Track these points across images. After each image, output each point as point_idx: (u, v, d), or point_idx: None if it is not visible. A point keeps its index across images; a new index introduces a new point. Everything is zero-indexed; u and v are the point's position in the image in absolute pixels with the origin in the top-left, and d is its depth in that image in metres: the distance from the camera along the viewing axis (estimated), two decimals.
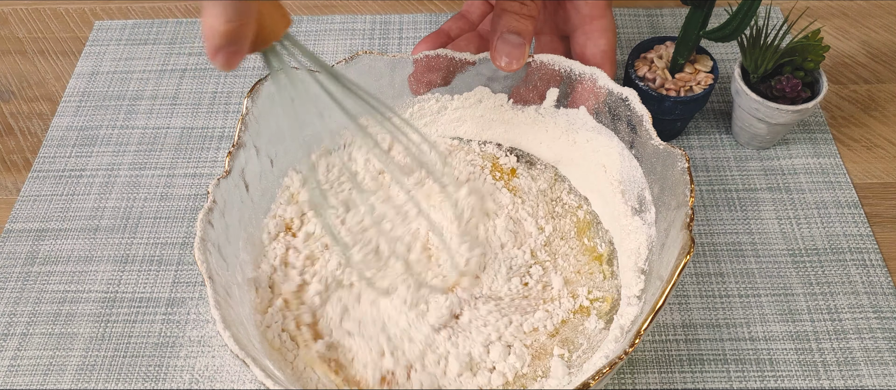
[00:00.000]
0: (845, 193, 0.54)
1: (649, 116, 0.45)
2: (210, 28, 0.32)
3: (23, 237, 0.54)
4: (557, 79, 0.49)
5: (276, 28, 0.35)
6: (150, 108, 0.62)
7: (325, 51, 0.65)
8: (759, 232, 0.53)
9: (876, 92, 0.61)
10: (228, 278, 0.43)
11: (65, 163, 0.58)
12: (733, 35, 0.49)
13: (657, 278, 0.41)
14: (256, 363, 0.37)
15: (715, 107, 0.60)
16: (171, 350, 0.48)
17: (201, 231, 0.41)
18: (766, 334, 0.48)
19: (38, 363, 0.48)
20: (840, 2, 0.68)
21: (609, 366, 0.36)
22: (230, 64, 0.33)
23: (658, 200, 0.44)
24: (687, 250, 0.38)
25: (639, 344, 0.48)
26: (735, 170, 0.56)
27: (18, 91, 0.64)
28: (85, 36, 0.68)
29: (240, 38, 0.33)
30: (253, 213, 0.48)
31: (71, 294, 0.51)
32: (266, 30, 0.35)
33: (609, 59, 0.50)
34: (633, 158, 0.47)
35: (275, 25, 0.35)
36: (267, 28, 0.35)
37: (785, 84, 0.51)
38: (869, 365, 0.46)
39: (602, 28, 0.50)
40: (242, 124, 0.45)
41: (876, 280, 0.50)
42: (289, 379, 0.42)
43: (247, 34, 0.33)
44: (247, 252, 0.46)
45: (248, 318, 0.43)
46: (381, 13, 0.68)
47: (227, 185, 0.44)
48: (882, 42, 0.64)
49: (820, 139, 0.57)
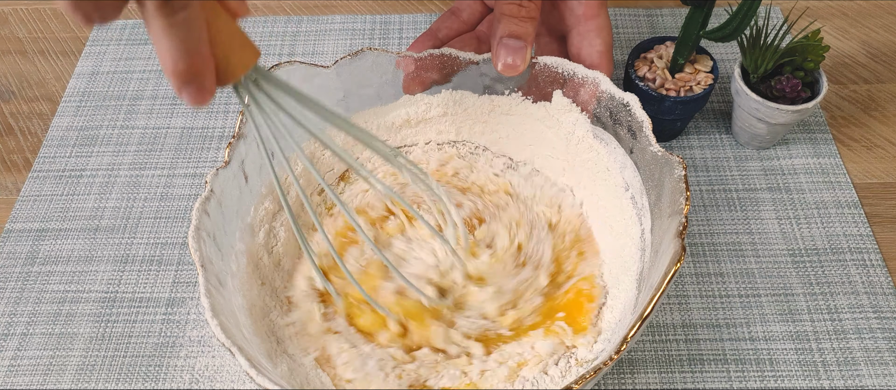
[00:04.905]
0: (845, 193, 0.54)
1: (649, 122, 0.44)
2: (166, 69, 0.30)
3: (23, 237, 0.54)
4: (560, 81, 0.49)
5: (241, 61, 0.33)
6: (150, 108, 0.62)
7: (326, 51, 0.65)
8: (759, 232, 0.53)
9: (876, 92, 0.61)
10: (222, 267, 0.42)
11: (65, 163, 0.58)
12: (733, 35, 0.49)
13: (649, 285, 0.41)
14: (242, 352, 0.37)
15: (715, 107, 0.60)
16: (171, 350, 0.48)
17: (196, 219, 0.41)
18: (766, 334, 0.48)
19: (38, 363, 0.48)
20: (840, 2, 0.68)
21: (593, 371, 0.36)
22: (198, 101, 0.31)
23: (654, 207, 0.44)
24: (678, 258, 0.37)
25: (635, 347, 0.48)
26: (735, 170, 0.56)
27: (18, 91, 0.64)
28: (85, 36, 0.68)
29: (197, 76, 0.31)
30: (251, 205, 0.47)
31: (71, 294, 0.51)
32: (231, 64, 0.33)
33: (605, 59, 0.50)
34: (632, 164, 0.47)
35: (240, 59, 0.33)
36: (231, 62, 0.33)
37: (785, 84, 0.51)
38: (869, 365, 0.46)
39: (597, 27, 0.50)
40: (244, 116, 0.45)
41: (876, 280, 0.50)
42: (282, 373, 0.42)
43: (203, 72, 0.31)
44: (242, 242, 0.46)
45: (240, 309, 0.43)
46: (381, 13, 0.68)
47: (225, 176, 0.44)
48: (882, 42, 0.64)
49: (820, 139, 0.57)
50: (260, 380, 0.36)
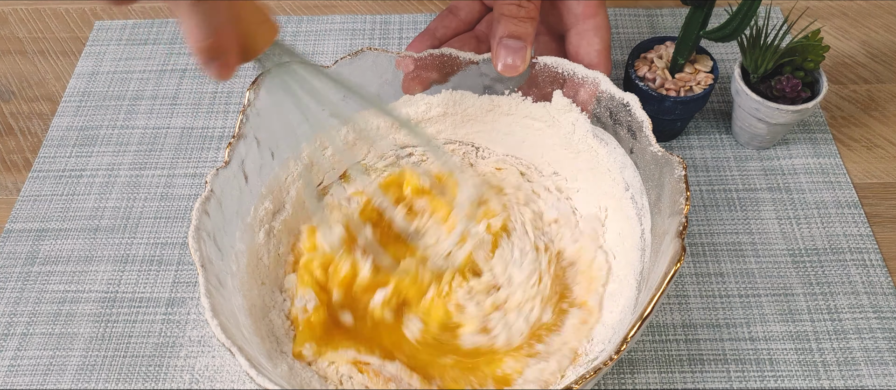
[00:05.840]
0: (845, 193, 0.54)
1: (649, 122, 0.44)
2: (192, 46, 0.33)
3: (23, 237, 0.54)
4: (560, 81, 0.49)
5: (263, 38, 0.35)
6: (150, 108, 0.62)
7: (326, 51, 0.65)
8: (759, 232, 0.53)
9: (876, 92, 0.61)
10: (222, 267, 0.42)
11: (65, 163, 0.58)
12: (733, 35, 0.49)
13: (649, 285, 0.41)
14: (242, 352, 0.37)
15: (715, 107, 0.60)
16: (171, 350, 0.48)
17: (196, 219, 0.41)
18: (766, 334, 0.48)
19: (38, 363, 0.48)
20: (840, 2, 0.68)
21: (593, 371, 0.36)
22: (222, 75, 0.34)
23: (654, 207, 0.44)
24: (677, 258, 0.37)
25: (635, 347, 0.48)
26: (735, 170, 0.56)
27: (18, 91, 0.64)
28: (85, 36, 0.68)
29: (222, 52, 0.33)
30: (251, 205, 0.47)
31: (71, 294, 0.51)
32: (252, 40, 0.35)
33: (603, 58, 0.50)
34: (632, 164, 0.47)
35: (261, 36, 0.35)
36: (253, 38, 0.35)
37: (785, 84, 0.51)
38: (869, 365, 0.46)
39: (595, 27, 0.50)
40: (244, 116, 0.45)
41: (876, 280, 0.50)
42: (282, 373, 0.42)
43: (228, 48, 0.33)
44: (243, 242, 0.46)
45: (240, 309, 0.43)
46: (381, 13, 0.68)
47: (225, 176, 0.44)
48: (882, 42, 0.64)
49: (820, 139, 0.57)
50: (260, 380, 0.36)
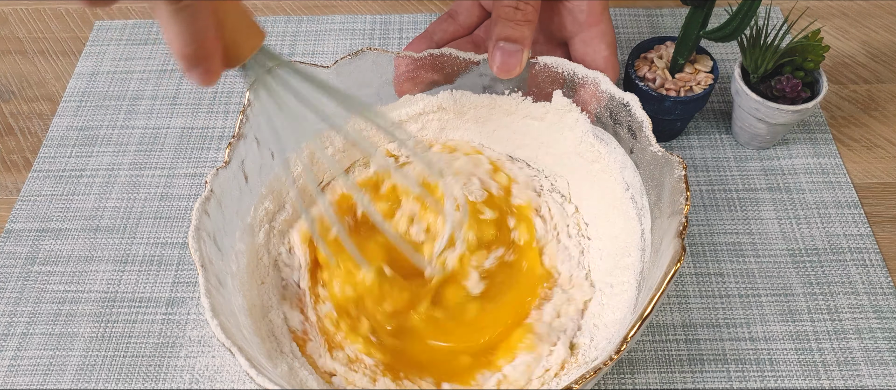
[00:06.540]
0: (845, 193, 0.54)
1: (649, 122, 0.44)
2: (173, 51, 0.32)
3: (23, 237, 0.54)
4: (560, 82, 0.49)
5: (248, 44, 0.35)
6: (150, 108, 0.62)
7: (325, 51, 0.65)
8: (759, 232, 0.53)
9: (876, 92, 0.61)
10: (222, 267, 0.42)
11: (65, 163, 0.58)
12: (733, 35, 0.49)
13: (649, 285, 0.41)
14: (242, 352, 0.37)
15: (715, 107, 0.60)
16: (171, 350, 0.48)
17: (196, 219, 0.41)
18: (766, 334, 0.48)
19: (38, 363, 0.48)
20: (840, 2, 0.68)
21: (593, 371, 0.36)
22: (205, 82, 0.33)
23: (654, 207, 0.44)
24: (677, 258, 0.37)
25: (635, 347, 0.48)
26: (735, 170, 0.56)
27: (18, 91, 0.64)
28: (85, 36, 0.68)
29: (205, 58, 0.32)
30: (251, 205, 0.47)
31: (71, 294, 0.51)
32: (237, 46, 0.34)
33: (611, 64, 0.50)
34: (632, 164, 0.47)
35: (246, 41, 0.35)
36: (237, 44, 0.34)
37: (785, 84, 0.51)
38: (869, 365, 0.46)
39: (601, 33, 0.50)
40: (244, 116, 0.45)
41: (876, 280, 0.50)
42: (282, 373, 0.42)
43: (211, 54, 0.33)
44: (243, 242, 0.46)
45: (240, 309, 0.43)
46: (381, 13, 0.68)
47: (225, 176, 0.44)
48: (882, 42, 0.64)
49: (820, 139, 0.57)
50: (260, 380, 0.36)
